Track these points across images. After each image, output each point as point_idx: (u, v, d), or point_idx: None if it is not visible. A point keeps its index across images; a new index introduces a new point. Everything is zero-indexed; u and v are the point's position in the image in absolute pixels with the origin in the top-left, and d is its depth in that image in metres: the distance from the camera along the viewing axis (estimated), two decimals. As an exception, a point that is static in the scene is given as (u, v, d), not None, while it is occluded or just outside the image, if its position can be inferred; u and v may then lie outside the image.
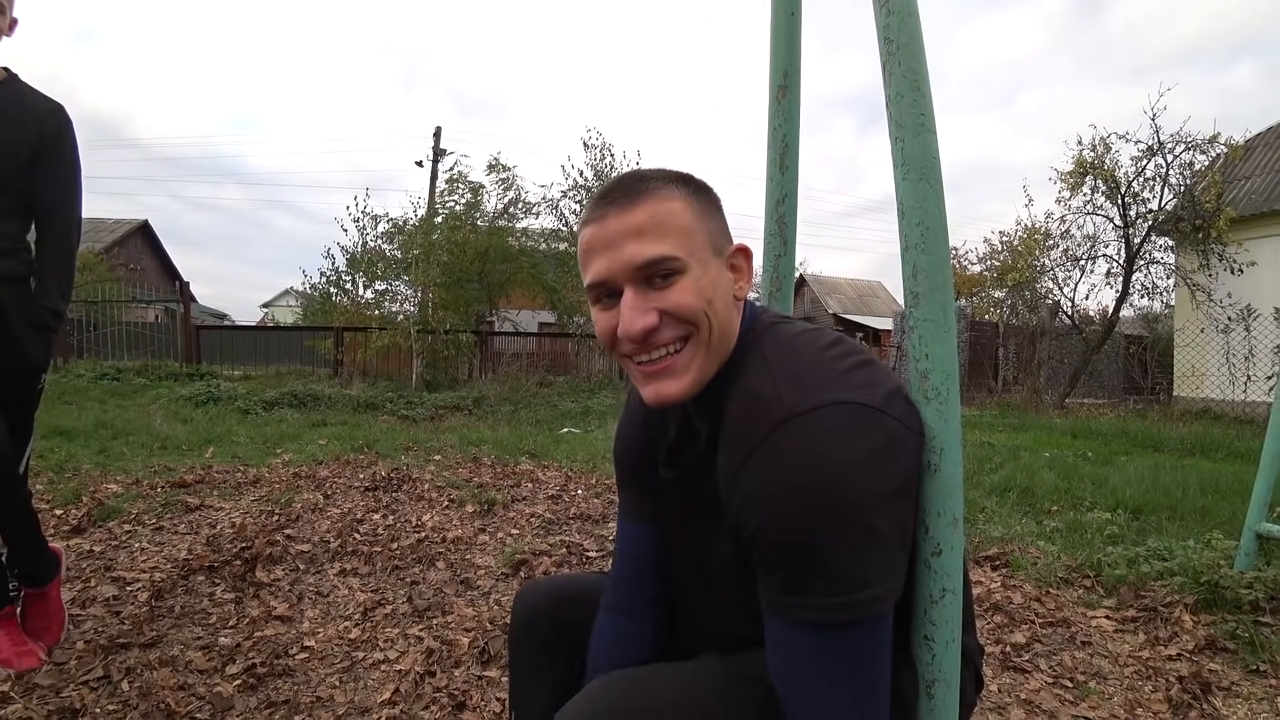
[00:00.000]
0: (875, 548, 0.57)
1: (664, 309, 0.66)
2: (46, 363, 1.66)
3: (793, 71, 1.00)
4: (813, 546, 0.56)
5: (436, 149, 16.23)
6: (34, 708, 1.51)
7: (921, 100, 0.69)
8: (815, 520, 0.56)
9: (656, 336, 0.67)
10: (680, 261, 0.66)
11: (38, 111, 1.56)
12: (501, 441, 5.43)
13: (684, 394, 0.68)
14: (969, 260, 14.12)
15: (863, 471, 0.57)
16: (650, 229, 0.66)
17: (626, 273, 0.66)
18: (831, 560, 0.56)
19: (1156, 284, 10.63)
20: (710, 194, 0.73)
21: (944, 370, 0.65)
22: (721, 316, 0.68)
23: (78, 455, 4.09)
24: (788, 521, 0.57)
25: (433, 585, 2.37)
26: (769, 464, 0.59)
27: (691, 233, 0.67)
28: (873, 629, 0.59)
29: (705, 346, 0.68)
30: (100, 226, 22.44)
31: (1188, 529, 3.07)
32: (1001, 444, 5.87)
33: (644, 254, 0.65)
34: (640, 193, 0.67)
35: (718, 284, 0.68)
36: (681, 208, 0.68)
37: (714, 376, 0.70)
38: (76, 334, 10.96)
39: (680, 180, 0.71)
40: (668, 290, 0.66)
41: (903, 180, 0.68)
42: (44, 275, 1.61)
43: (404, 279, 10.97)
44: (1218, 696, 1.73)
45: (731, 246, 0.73)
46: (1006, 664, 1.91)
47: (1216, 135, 9.51)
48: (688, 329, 0.67)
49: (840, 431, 0.57)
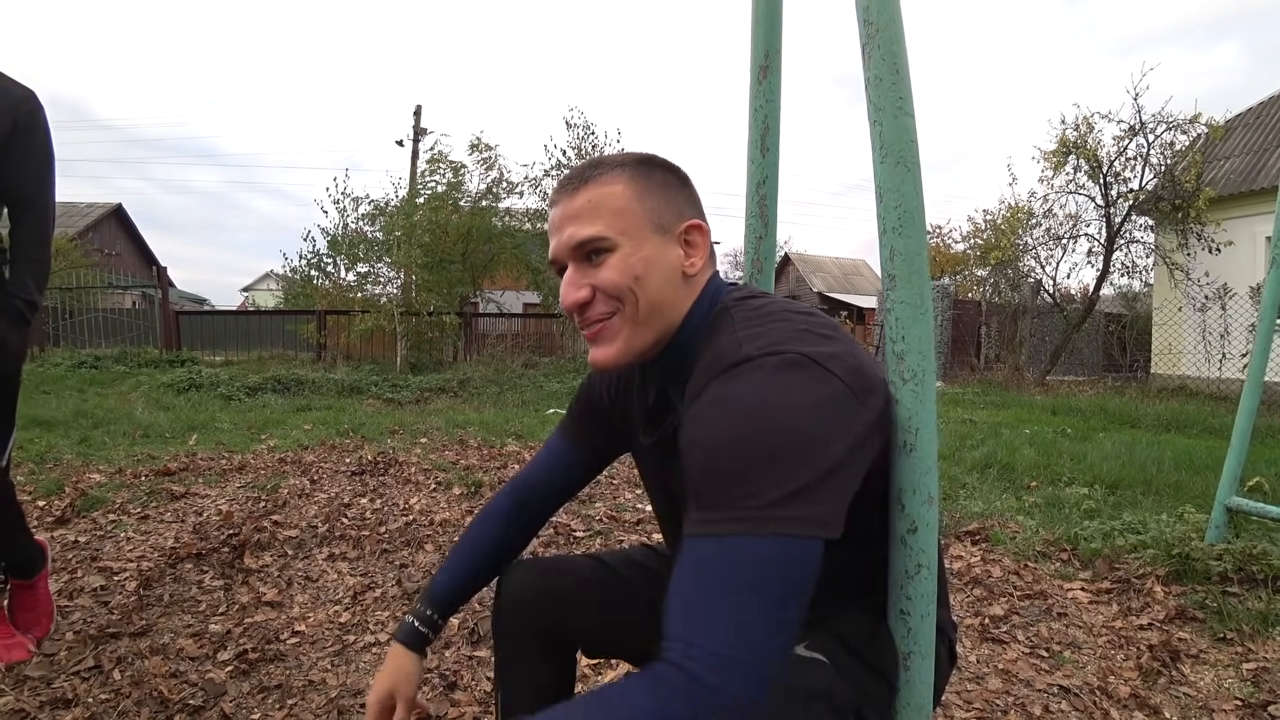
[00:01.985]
0: (796, 474, 0.56)
1: (595, 285, 0.72)
2: (24, 353, 1.63)
3: (774, 53, 1.00)
4: (733, 462, 0.57)
5: (417, 128, 15.97)
6: (26, 699, 1.50)
7: (900, 83, 0.69)
8: (742, 437, 0.57)
9: (590, 310, 0.73)
10: (609, 241, 0.71)
11: (9, 99, 1.52)
12: (487, 423, 5.43)
13: (613, 360, 0.74)
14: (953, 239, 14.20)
15: (797, 408, 0.58)
16: (586, 212, 0.72)
17: (566, 252, 0.74)
18: (748, 476, 0.56)
19: (1136, 263, 10.77)
20: (661, 174, 0.76)
21: (920, 351, 0.66)
22: (652, 292, 0.72)
23: (58, 445, 4.03)
24: (715, 438, 0.59)
25: (421, 568, 2.38)
26: (711, 394, 0.62)
27: (626, 214, 0.72)
28: (784, 546, 0.55)
29: (632, 320, 0.72)
30: (72, 211, 21.89)
31: (1162, 503, 3.16)
32: (983, 421, 5.97)
33: (578, 235, 0.72)
34: (585, 179, 0.74)
35: (652, 261, 0.72)
36: (621, 190, 0.73)
37: (679, 350, 0.75)
38: (52, 322, 10.75)
39: (629, 163, 0.75)
40: (599, 268, 0.72)
41: (881, 164, 0.68)
42: (18, 265, 1.58)
43: (386, 261, 10.84)
44: (1186, 664, 1.80)
45: (683, 223, 0.75)
46: (985, 635, 1.96)
47: (1197, 115, 9.59)
48: (615, 304, 0.72)
49: (790, 372, 0.60)
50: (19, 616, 1.74)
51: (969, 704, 1.61)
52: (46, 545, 1.83)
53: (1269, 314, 2.37)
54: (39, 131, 1.59)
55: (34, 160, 1.57)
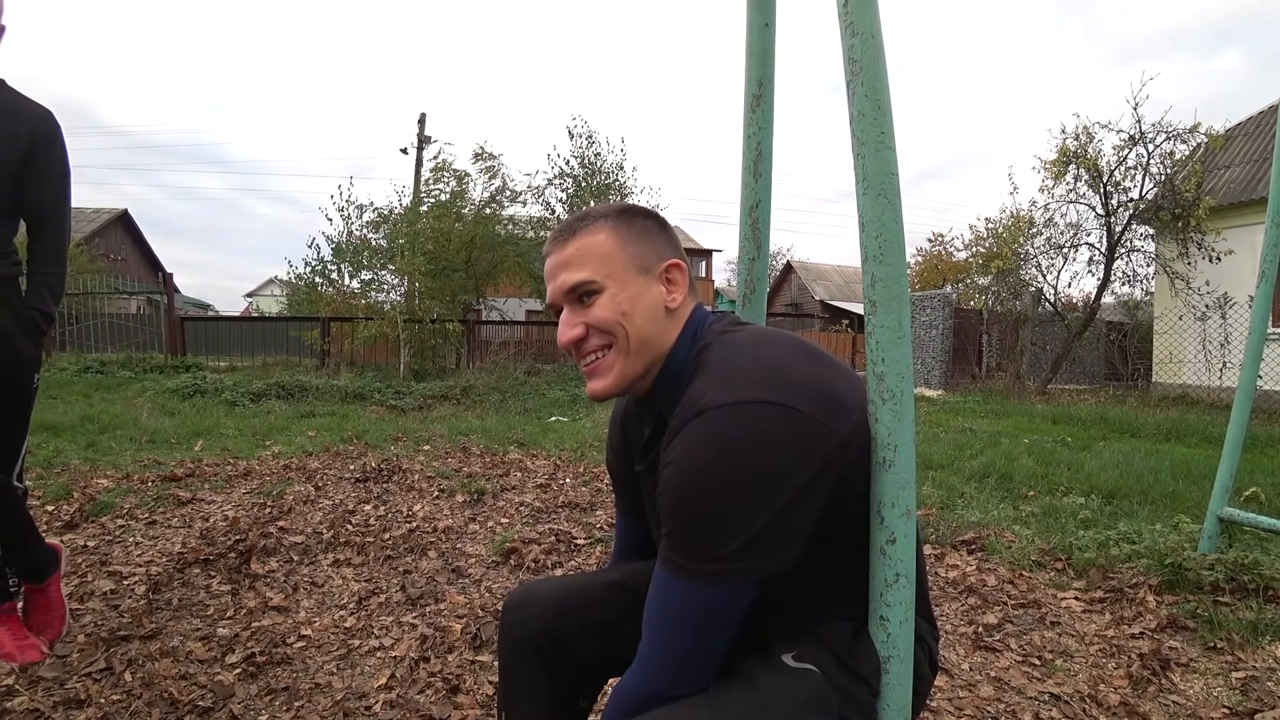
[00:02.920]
0: (736, 529, 0.67)
1: (588, 322, 0.81)
2: (39, 363, 1.68)
3: (766, 81, 1.05)
4: (683, 512, 0.68)
5: (421, 135, 16.09)
6: (40, 699, 1.55)
7: (882, 119, 0.73)
8: (689, 495, 0.68)
9: (585, 345, 0.82)
10: (597, 284, 0.80)
11: (29, 118, 1.59)
12: (490, 431, 5.47)
13: (609, 390, 0.82)
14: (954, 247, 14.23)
15: (746, 460, 0.66)
16: (575, 260, 0.81)
17: (560, 296, 0.83)
18: (694, 526, 0.68)
19: (1137, 272, 10.79)
20: (641, 221, 0.85)
21: (899, 373, 0.70)
22: (640, 326, 0.80)
23: (65, 450, 4.08)
24: (673, 491, 0.69)
25: (425, 574, 2.42)
26: (677, 448, 0.70)
27: (611, 259, 0.81)
28: (714, 592, 0.69)
29: (625, 352, 0.81)
30: (79, 216, 22.05)
31: (1157, 513, 3.18)
32: (983, 430, 5.99)
33: (569, 281, 0.81)
34: (573, 231, 0.83)
35: (638, 298, 0.81)
36: (605, 238, 0.82)
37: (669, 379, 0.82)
38: (59, 327, 10.83)
39: (612, 214, 0.84)
40: (590, 308, 0.81)
41: (863, 195, 0.73)
42: (36, 278, 1.64)
43: (390, 268, 10.91)
44: (1176, 672, 1.82)
45: (663, 264, 0.84)
46: (978, 644, 1.99)
47: (1197, 125, 9.64)
48: (608, 338, 0.81)
49: (739, 424, 0.67)
50: (32, 619, 1.78)
51: (960, 710, 1.64)
52: (60, 549, 1.87)
53: (1259, 325, 2.41)
54: (57, 150, 1.65)
55: (53, 178, 1.64)
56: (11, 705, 1.53)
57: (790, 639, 0.78)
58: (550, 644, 0.95)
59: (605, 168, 12.30)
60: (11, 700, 1.55)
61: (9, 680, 1.62)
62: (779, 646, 0.77)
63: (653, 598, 0.74)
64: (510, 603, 1.01)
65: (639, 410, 0.95)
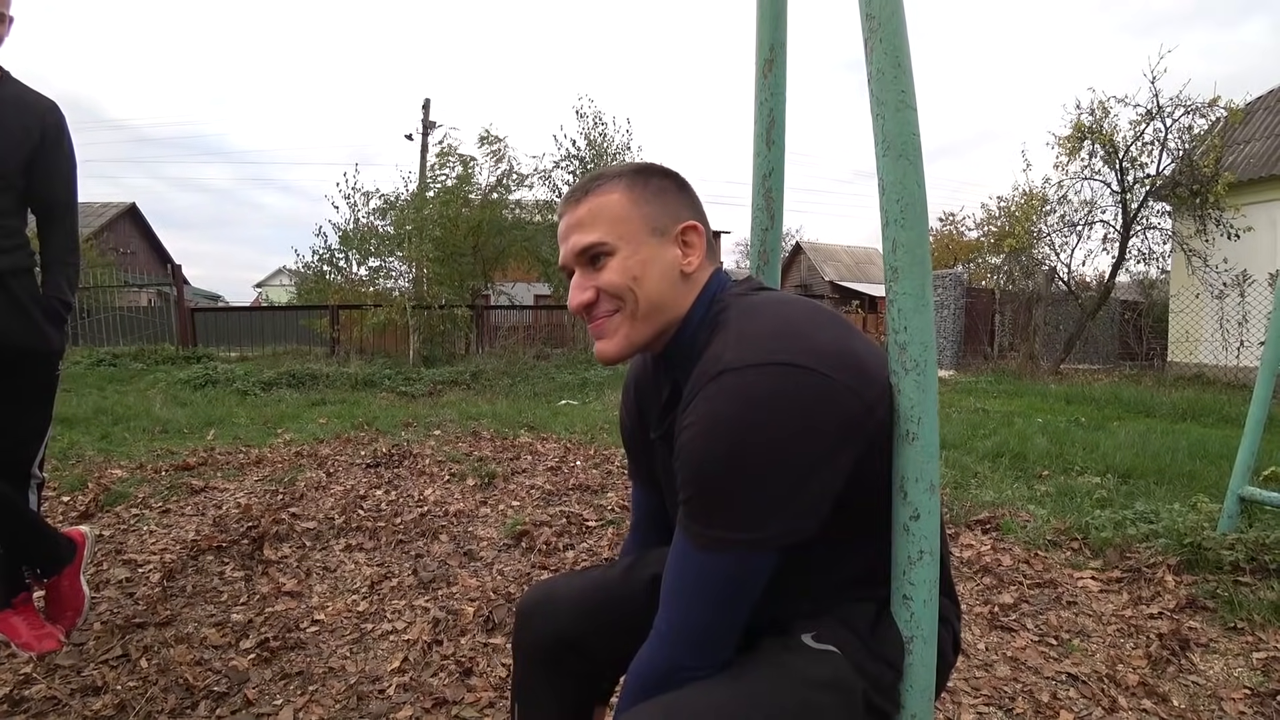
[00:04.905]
0: (758, 495, 0.64)
1: (598, 286, 0.78)
2: (63, 350, 1.69)
3: (779, 46, 1.01)
4: (703, 478, 0.66)
5: (426, 121, 16.02)
6: (57, 687, 1.56)
7: (902, 77, 0.69)
8: (712, 455, 0.65)
9: (596, 308, 0.79)
10: (608, 246, 0.77)
11: (36, 110, 1.59)
12: (500, 415, 5.47)
13: (615, 353, 0.79)
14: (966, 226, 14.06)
15: (768, 424, 0.63)
16: (587, 221, 0.78)
17: (572, 258, 0.80)
18: (716, 494, 0.65)
19: (1153, 249, 10.61)
20: (658, 181, 0.81)
21: (922, 342, 0.67)
22: (651, 290, 0.77)
23: (80, 442, 4.12)
24: (692, 453, 0.66)
25: (437, 558, 2.42)
26: (695, 410, 0.67)
27: (624, 220, 0.78)
28: (737, 562, 0.66)
29: (632, 316, 0.78)
30: (87, 210, 22.16)
31: (1175, 493, 3.14)
32: (995, 410, 5.94)
33: (580, 243, 0.78)
34: (586, 191, 0.80)
35: (650, 261, 0.78)
36: (618, 199, 0.78)
37: (683, 345, 0.79)
38: (71, 321, 10.90)
39: (626, 174, 0.80)
40: (601, 271, 0.78)
41: (883, 157, 0.69)
42: (52, 268, 1.65)
43: (397, 255, 10.90)
44: (1195, 653, 1.80)
45: (680, 225, 0.80)
46: (994, 624, 1.97)
47: (1216, 99, 9.39)
48: (616, 302, 0.78)
49: (761, 386, 0.64)
50: (50, 608, 1.79)
51: (977, 690, 1.63)
52: (80, 538, 1.85)
53: (1285, 300, 2.34)
54: (64, 141, 1.65)
55: (62, 170, 1.65)
56: (29, 693, 1.54)
57: (811, 619, 0.75)
58: (572, 647, 0.92)
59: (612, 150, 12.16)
60: (30, 688, 1.56)
61: (27, 669, 1.63)
62: (799, 627, 0.75)
63: (672, 568, 0.71)
64: (527, 605, 0.97)
65: (655, 374, 0.92)
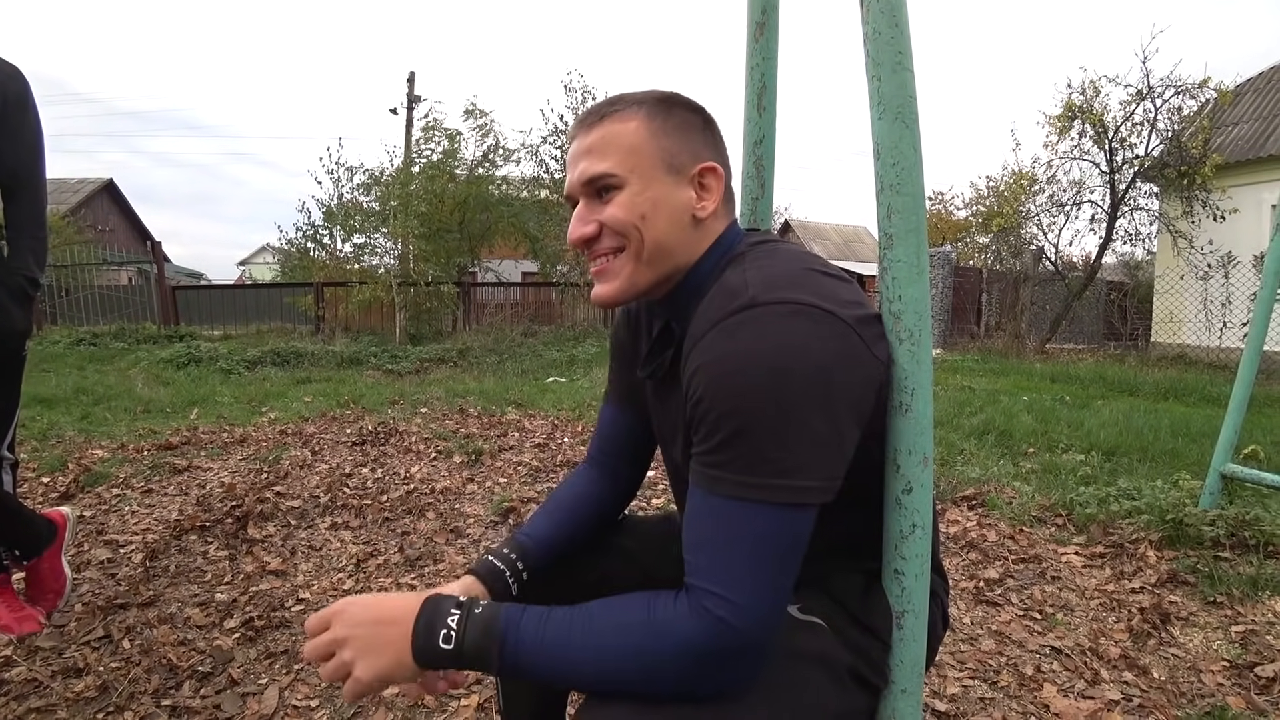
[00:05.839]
0: (803, 439, 0.57)
1: (601, 220, 0.72)
2: (29, 329, 1.63)
3: (771, 9, 0.97)
4: (740, 419, 0.58)
5: (411, 95, 15.68)
6: (38, 669, 1.53)
7: (900, 37, 0.67)
8: (749, 393, 0.57)
9: (597, 245, 0.73)
10: (618, 178, 0.70)
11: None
12: (487, 392, 5.44)
13: (614, 297, 0.73)
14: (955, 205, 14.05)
15: (807, 363, 0.57)
16: (598, 148, 0.71)
17: (577, 187, 0.73)
18: (756, 437, 0.57)
19: (1140, 230, 10.66)
20: (681, 114, 0.74)
21: (916, 312, 0.65)
22: (658, 232, 0.71)
23: (60, 423, 4.05)
24: (723, 389, 0.59)
25: (423, 535, 2.41)
26: (720, 339, 0.60)
27: (638, 151, 0.71)
28: (784, 516, 0.58)
29: (636, 258, 0.72)
30: (63, 187, 21.61)
31: (1157, 470, 3.18)
32: (982, 388, 5.98)
33: (588, 171, 0.71)
34: (602, 115, 0.72)
35: (660, 201, 0.71)
36: (635, 127, 0.71)
37: (687, 294, 0.74)
38: (48, 300, 10.68)
39: (649, 101, 0.73)
40: (606, 205, 0.71)
41: (879, 120, 0.67)
42: (18, 243, 1.57)
43: (383, 231, 10.75)
44: (1176, 626, 1.83)
45: (698, 165, 0.73)
46: (979, 598, 1.99)
47: (1207, 79, 9.38)
48: (620, 240, 0.72)
49: (796, 323, 0.58)
50: (30, 589, 1.76)
51: (962, 664, 1.64)
52: (61, 519, 1.82)
53: (1270, 282, 2.35)
54: (29, 108, 1.57)
55: (26, 138, 1.56)
56: (10, 675, 1.51)
57: (796, 590, 0.74)
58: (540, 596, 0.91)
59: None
60: (10, 671, 1.53)
61: (7, 651, 1.60)
62: None
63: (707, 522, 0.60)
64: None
65: (648, 312, 0.87)
